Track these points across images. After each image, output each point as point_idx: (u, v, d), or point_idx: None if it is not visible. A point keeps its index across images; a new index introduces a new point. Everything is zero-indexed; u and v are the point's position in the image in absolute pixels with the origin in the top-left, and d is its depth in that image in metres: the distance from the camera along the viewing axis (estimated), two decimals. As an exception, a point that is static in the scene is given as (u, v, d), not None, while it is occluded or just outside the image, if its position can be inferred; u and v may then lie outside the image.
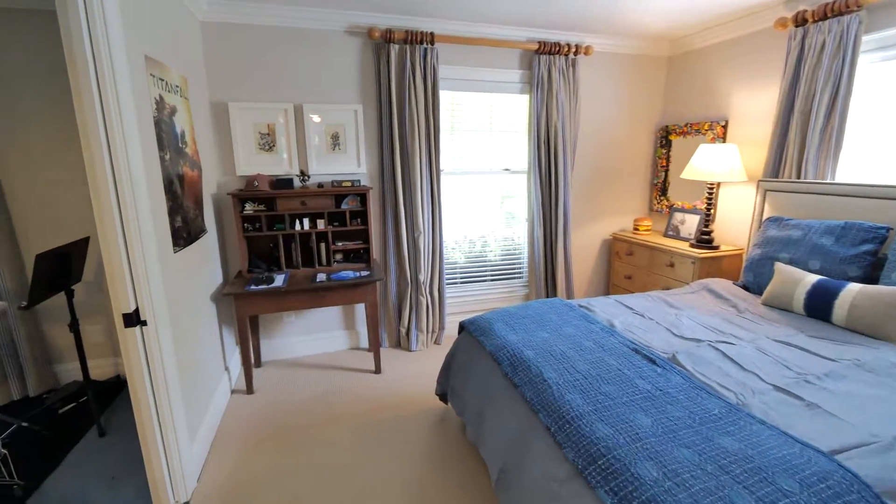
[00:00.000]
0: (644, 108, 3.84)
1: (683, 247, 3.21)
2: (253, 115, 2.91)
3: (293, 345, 3.33)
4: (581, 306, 2.38)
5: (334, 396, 2.78)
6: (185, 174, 2.25)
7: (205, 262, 2.58)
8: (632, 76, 3.74)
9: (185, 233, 2.20)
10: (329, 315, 3.38)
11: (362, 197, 3.05)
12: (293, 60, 2.92)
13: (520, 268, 3.88)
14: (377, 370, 3.04)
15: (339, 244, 3.10)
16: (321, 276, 2.85)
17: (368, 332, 3.34)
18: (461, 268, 3.73)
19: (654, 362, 1.72)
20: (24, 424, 2.35)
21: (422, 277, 3.28)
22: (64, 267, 2.37)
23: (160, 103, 1.96)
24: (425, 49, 3.02)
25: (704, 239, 3.17)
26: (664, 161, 3.85)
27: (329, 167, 3.11)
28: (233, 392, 2.85)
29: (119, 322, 1.69)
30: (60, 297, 2.39)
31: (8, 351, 2.69)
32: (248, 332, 2.74)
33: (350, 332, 3.45)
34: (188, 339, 2.18)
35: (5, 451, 2.05)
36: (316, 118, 3.02)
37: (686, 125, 3.59)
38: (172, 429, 1.85)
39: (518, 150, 3.61)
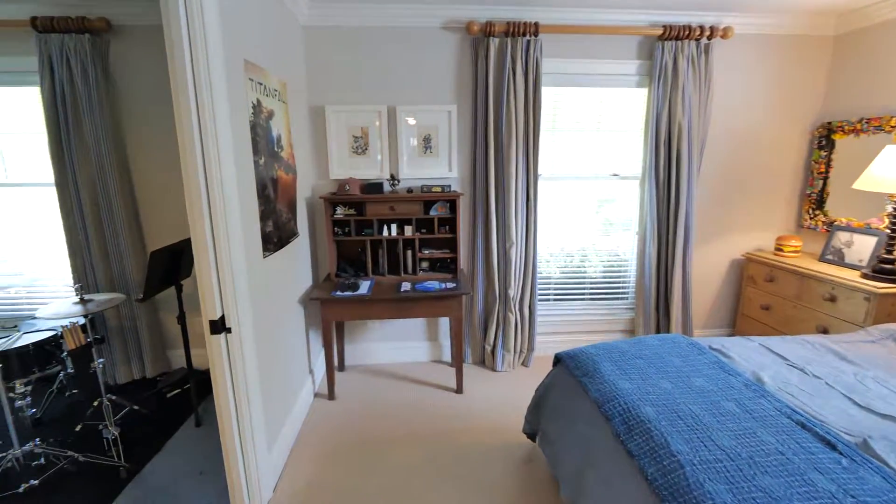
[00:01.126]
0: (797, 100, 3.12)
1: (852, 276, 2.50)
2: (348, 118, 2.88)
3: (376, 351, 3.26)
4: (713, 349, 1.91)
5: (413, 412, 2.62)
6: (279, 178, 2.24)
7: (295, 265, 2.58)
8: (782, 62, 3.05)
9: (275, 237, 2.20)
10: (412, 324, 3.26)
11: (452, 203, 2.87)
12: (389, 61, 2.83)
13: (625, 287, 3.40)
14: (459, 390, 2.83)
15: (426, 252, 2.94)
16: (406, 286, 2.71)
17: (452, 347, 3.16)
18: (556, 283, 3.37)
19: (833, 447, 1.25)
20: (136, 407, 2.55)
21: (511, 292, 3.00)
22: (175, 263, 2.52)
23: (257, 107, 1.95)
24: (528, 41, 2.73)
25: (886, 269, 2.44)
26: (822, 166, 3.09)
27: (419, 171, 2.98)
28: (315, 395, 2.84)
29: (207, 327, 1.69)
30: (174, 289, 2.56)
31: (131, 336, 2.98)
32: (332, 338, 2.71)
33: (433, 343, 3.29)
34: (274, 343, 2.17)
35: (116, 433, 2.21)
36: (411, 120, 2.90)
37: (859, 121, 2.82)
38: (251, 440, 1.82)
39: (629, 153, 3.15)
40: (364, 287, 2.69)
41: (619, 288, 3.40)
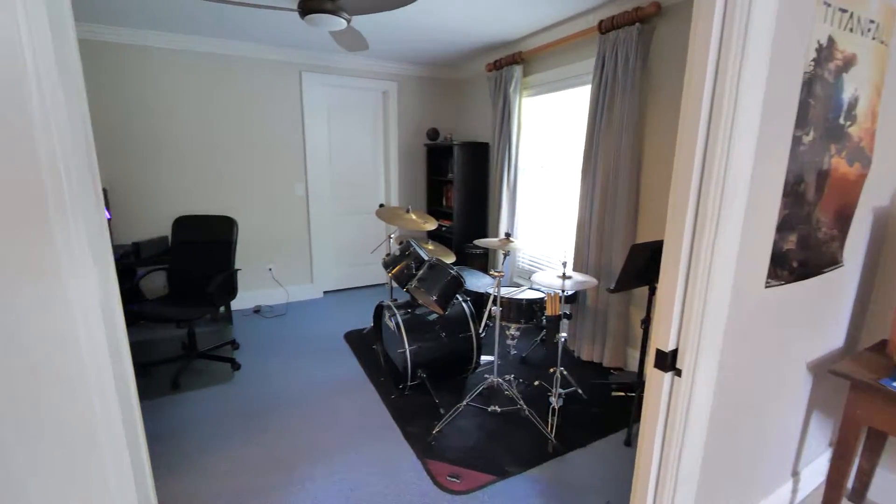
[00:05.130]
0: None
1: None
2: None
3: (952, 513, 1.70)
4: None
5: None
6: (832, 169, 1.39)
7: (819, 309, 1.64)
8: None
9: (796, 260, 1.41)
10: None
11: None
12: None
13: None
14: None
15: None
16: None
17: None
18: None
19: None
20: (579, 391, 2.59)
21: None
22: (654, 262, 2.25)
23: (824, 51, 1.20)
24: None
25: None
26: None
27: None
28: (791, 509, 1.84)
29: (652, 355, 1.29)
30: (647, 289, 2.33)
31: (600, 321, 3.05)
32: (855, 448, 1.59)
33: None
34: (741, 410, 1.47)
35: (558, 406, 2.30)
36: None
37: None
38: (666, 525, 1.31)
39: None
40: (972, 395, 1.35)
41: None
